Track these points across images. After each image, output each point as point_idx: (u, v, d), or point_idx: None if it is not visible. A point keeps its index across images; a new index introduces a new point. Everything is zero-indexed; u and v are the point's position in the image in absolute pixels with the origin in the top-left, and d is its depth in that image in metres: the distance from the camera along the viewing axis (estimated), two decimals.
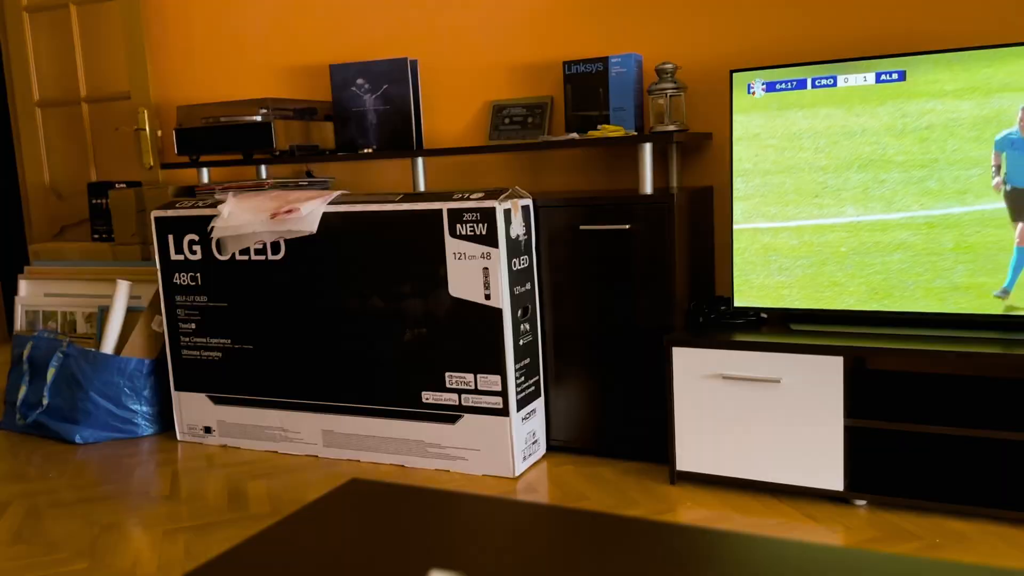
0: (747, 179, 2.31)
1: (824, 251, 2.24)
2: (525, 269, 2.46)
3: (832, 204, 2.22)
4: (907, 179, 2.13)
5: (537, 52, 2.90)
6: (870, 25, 2.43)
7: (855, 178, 2.19)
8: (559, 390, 2.58)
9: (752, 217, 2.32)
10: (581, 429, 2.57)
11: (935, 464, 2.23)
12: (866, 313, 2.22)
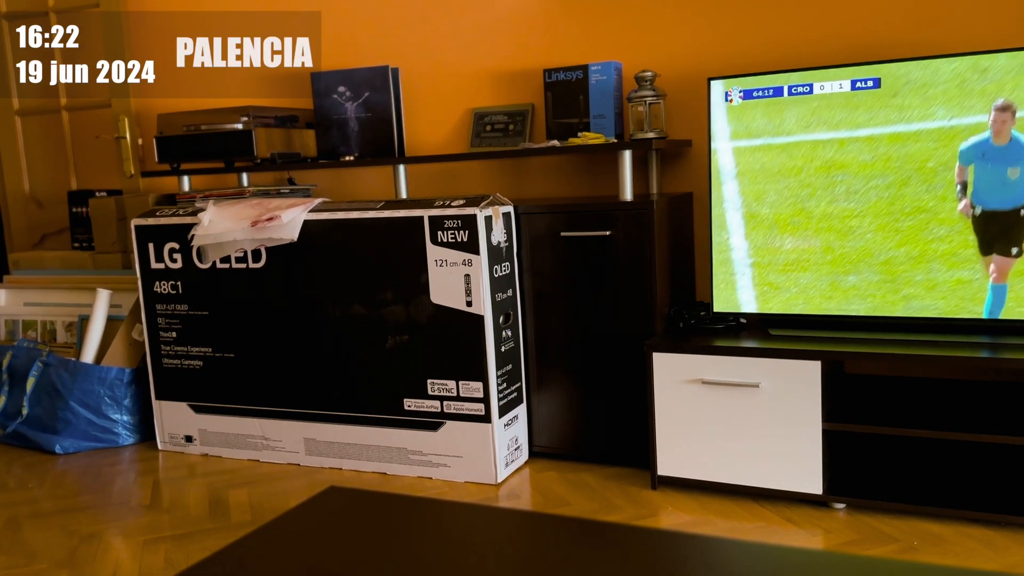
0: (726, 185, 2.33)
1: (803, 257, 2.26)
2: (507, 276, 2.47)
3: (811, 211, 2.24)
4: (883, 185, 2.16)
5: (518, 60, 2.91)
6: (846, 33, 2.47)
7: (834, 184, 2.21)
8: (541, 396, 2.59)
9: (731, 223, 2.34)
10: (563, 435, 2.58)
11: (913, 467, 2.26)
12: (844, 318, 2.24)
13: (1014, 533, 1.95)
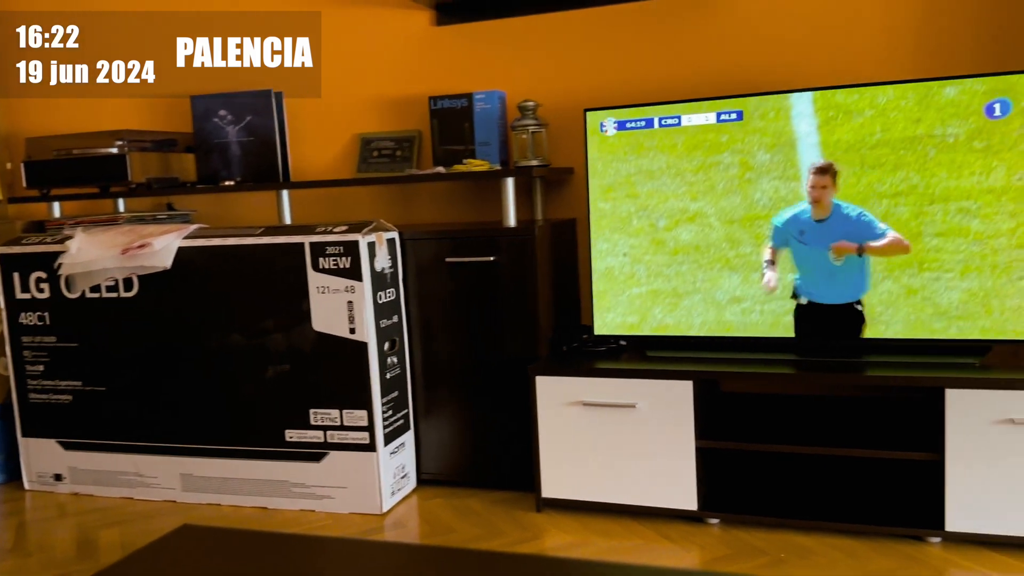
0: (604, 212, 2.39)
1: (679, 280, 2.34)
2: (391, 302, 2.46)
3: (685, 236, 2.32)
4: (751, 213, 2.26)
5: (405, 86, 2.92)
6: (710, 68, 2.58)
7: (704, 212, 2.30)
8: (429, 422, 2.58)
9: (610, 248, 2.40)
10: (452, 461, 2.58)
11: (783, 481, 2.35)
12: (718, 339, 2.32)
13: (874, 542, 2.05)
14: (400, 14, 2.89)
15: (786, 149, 2.20)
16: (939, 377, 1.99)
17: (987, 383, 1.94)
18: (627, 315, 2.40)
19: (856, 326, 2.15)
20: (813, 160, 2.13)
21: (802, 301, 2.15)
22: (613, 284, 2.41)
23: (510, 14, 2.77)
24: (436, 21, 2.86)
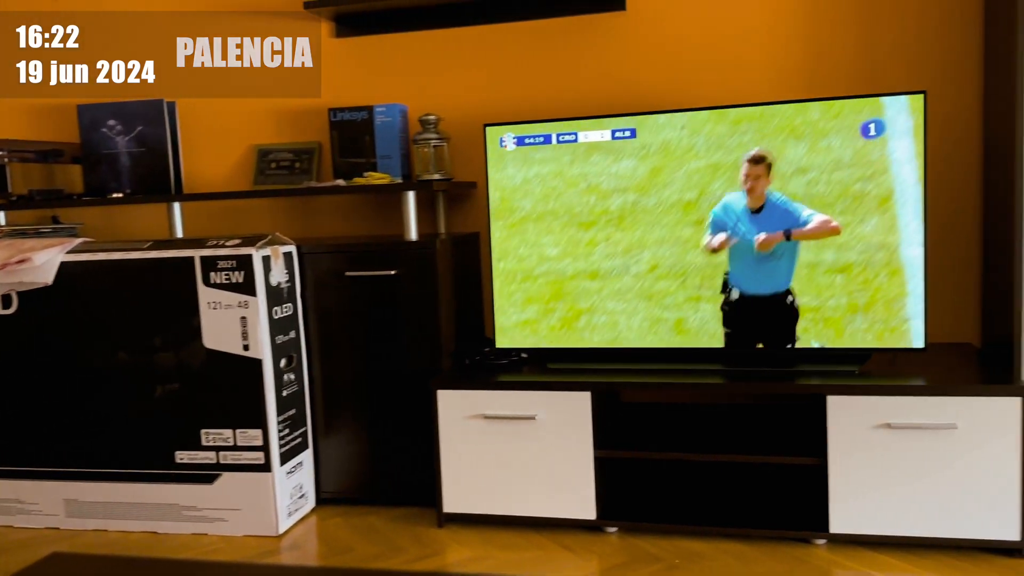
0: (505, 226, 2.41)
1: (578, 293, 2.37)
2: (288, 317, 2.40)
3: (585, 250, 2.36)
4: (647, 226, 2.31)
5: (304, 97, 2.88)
6: (605, 86, 2.64)
7: (602, 225, 2.34)
8: (329, 440, 2.53)
9: (512, 262, 2.41)
10: (352, 479, 2.53)
11: (680, 488, 2.40)
12: (618, 350, 2.36)
13: (764, 545, 2.12)
14: (299, 25, 2.85)
15: (677, 165, 2.26)
16: (820, 385, 2.07)
17: (865, 390, 2.03)
18: (529, 328, 2.42)
19: (790, 321, 2.20)
20: (747, 152, 2.17)
21: (733, 295, 2.19)
22: (515, 297, 2.42)
23: (411, 28, 2.76)
24: (336, 33, 2.83)
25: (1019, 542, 1.97)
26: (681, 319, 2.29)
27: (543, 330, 2.41)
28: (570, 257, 2.37)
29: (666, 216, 2.28)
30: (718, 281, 2.26)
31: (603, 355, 2.38)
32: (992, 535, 1.99)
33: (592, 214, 2.34)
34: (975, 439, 1.97)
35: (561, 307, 2.39)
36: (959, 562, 1.98)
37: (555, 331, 2.40)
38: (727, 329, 2.21)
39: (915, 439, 2.01)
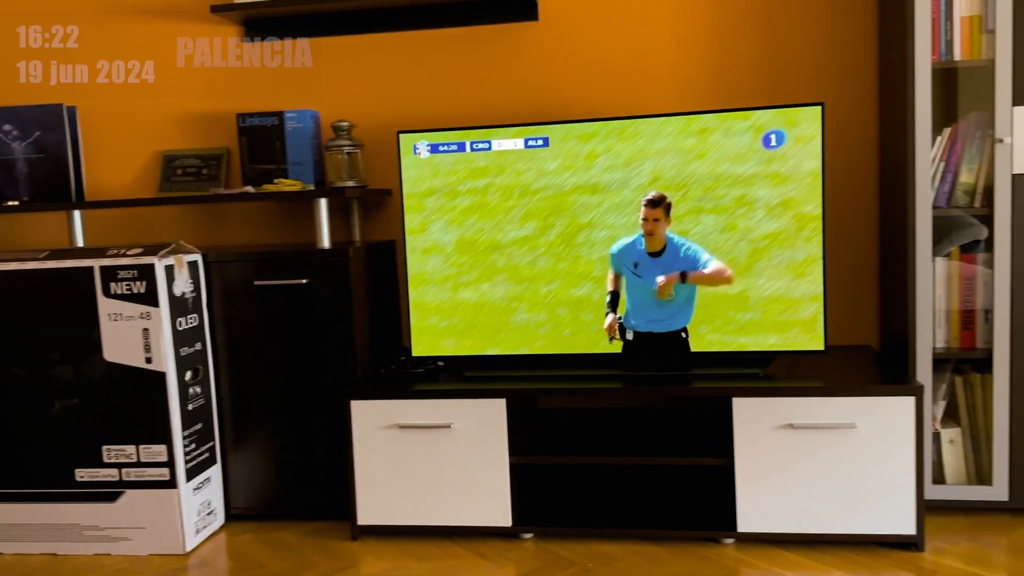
0: (420, 233, 2.39)
1: (493, 301, 2.37)
2: (194, 328, 2.33)
3: (500, 257, 2.36)
4: (560, 233, 2.33)
5: (212, 103, 2.81)
6: (519, 95, 2.65)
7: (519, 234, 2.35)
8: (239, 454, 2.46)
9: (428, 269, 2.40)
10: (264, 494, 2.47)
11: (594, 492, 2.42)
12: (535, 357, 2.37)
13: (674, 546, 2.15)
14: (206, 28, 2.78)
15: (587, 174, 2.29)
16: (726, 387, 2.13)
17: (768, 391, 2.09)
18: (445, 336, 2.41)
19: (683, 354, 2.24)
20: (646, 194, 2.20)
21: (628, 337, 2.23)
22: (431, 305, 2.41)
23: (322, 33, 2.73)
24: (245, 37, 2.77)
25: (915, 536, 2.06)
26: (592, 326, 2.32)
27: (460, 338, 2.40)
28: (487, 263, 2.37)
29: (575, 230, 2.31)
30: None
31: (519, 362, 2.39)
32: (890, 530, 2.07)
33: (507, 222, 2.35)
34: (873, 437, 2.05)
35: (478, 314, 2.39)
36: (860, 557, 2.06)
37: (472, 339, 2.40)
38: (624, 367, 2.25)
39: (816, 438, 2.07)
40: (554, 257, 2.33)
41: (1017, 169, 2.12)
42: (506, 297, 2.36)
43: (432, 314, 2.41)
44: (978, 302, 2.21)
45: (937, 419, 2.25)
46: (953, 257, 2.23)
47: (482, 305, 2.38)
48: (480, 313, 2.38)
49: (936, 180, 2.21)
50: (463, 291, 2.39)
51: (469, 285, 2.38)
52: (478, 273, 2.37)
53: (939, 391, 2.25)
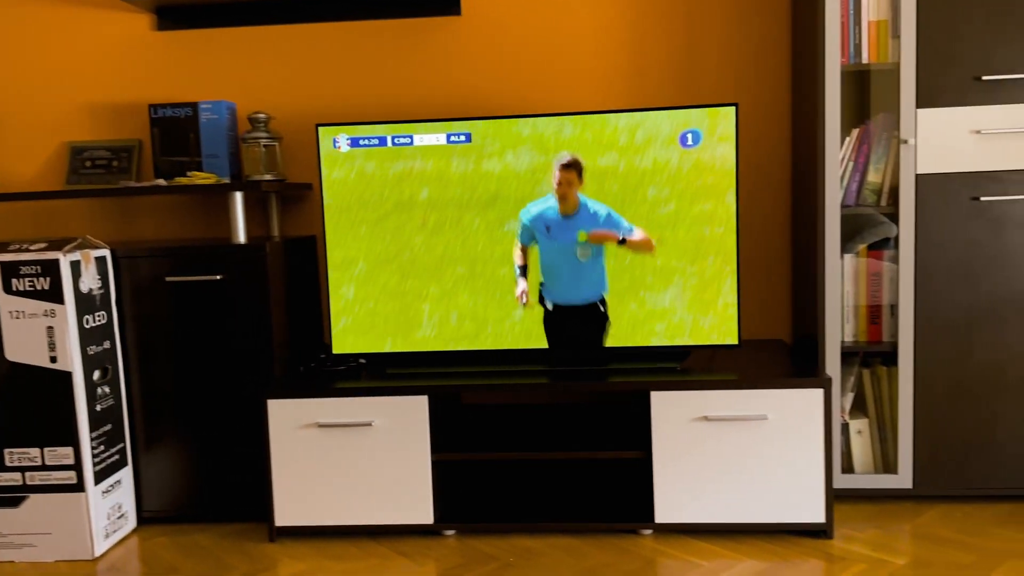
0: (340, 228, 2.36)
1: (417, 296, 2.36)
2: (102, 326, 2.25)
3: (421, 252, 2.34)
4: (483, 229, 2.32)
5: (122, 93, 2.71)
6: (441, 92, 2.64)
7: (436, 230, 2.34)
8: (152, 456, 2.39)
9: (349, 265, 2.37)
10: (178, 496, 2.40)
11: (517, 488, 2.43)
12: (457, 353, 2.36)
13: (594, 539, 2.18)
14: (116, 16, 2.68)
15: (512, 170, 2.29)
16: (644, 381, 2.16)
17: (685, 385, 2.13)
18: (368, 333, 2.38)
19: (600, 326, 2.26)
20: (559, 158, 2.21)
21: (548, 306, 2.23)
22: (353, 302, 2.38)
23: (239, 23, 2.66)
24: (157, 26, 2.68)
25: (824, 524, 2.13)
26: (528, 320, 2.33)
27: (383, 335, 2.37)
28: (409, 259, 2.35)
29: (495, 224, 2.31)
30: None
31: (442, 358, 2.38)
32: (801, 518, 2.13)
33: (424, 217, 2.33)
34: (784, 428, 2.11)
35: (400, 311, 2.36)
36: (772, 545, 2.12)
37: (393, 335, 2.37)
38: (549, 340, 2.26)
39: (730, 430, 2.12)
40: (476, 255, 2.32)
41: (921, 169, 2.21)
42: (430, 293, 2.35)
43: (354, 311, 2.38)
44: (884, 297, 2.30)
45: (846, 410, 2.33)
46: (861, 254, 2.31)
47: (406, 302, 2.36)
48: (404, 310, 2.36)
49: (845, 179, 2.28)
50: (386, 287, 2.36)
51: (392, 281, 2.36)
52: (401, 269, 2.35)
53: (847, 383, 2.33)
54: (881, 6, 2.21)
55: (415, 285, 2.35)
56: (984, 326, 2.23)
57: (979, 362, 2.24)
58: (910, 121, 2.20)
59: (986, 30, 2.15)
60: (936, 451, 2.28)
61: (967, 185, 2.20)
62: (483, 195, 2.31)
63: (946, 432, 2.27)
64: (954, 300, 2.23)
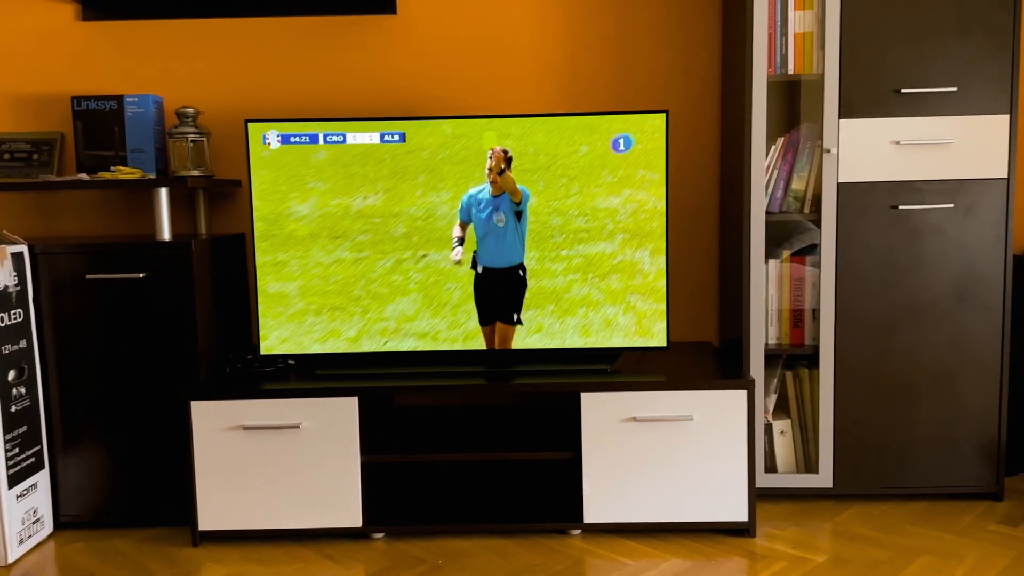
0: (269, 226, 2.32)
1: (347, 296, 2.33)
2: (18, 325, 2.17)
3: (350, 251, 2.32)
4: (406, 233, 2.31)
5: (44, 84, 2.62)
6: (375, 89, 2.62)
7: (367, 230, 2.32)
8: (70, 459, 2.31)
9: (278, 265, 2.33)
10: (98, 500, 2.33)
11: (446, 489, 2.43)
12: (389, 354, 2.34)
13: (523, 539, 2.19)
14: (39, 5, 2.59)
15: (444, 168, 2.29)
16: (575, 383, 2.18)
17: (614, 386, 2.16)
18: (297, 333, 2.34)
19: (520, 289, 2.31)
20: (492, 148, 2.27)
21: (479, 270, 2.28)
22: (281, 301, 2.34)
23: (168, 15, 2.59)
24: (82, 16, 2.60)
25: (747, 522, 2.18)
26: (459, 321, 2.32)
27: (311, 334, 2.34)
28: (339, 260, 2.32)
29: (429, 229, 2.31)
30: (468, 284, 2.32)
31: (373, 359, 2.36)
32: (725, 517, 2.18)
33: (356, 218, 2.31)
34: (709, 429, 2.15)
35: (329, 311, 2.34)
36: (697, 544, 2.15)
37: (323, 335, 2.34)
38: (477, 303, 2.30)
39: (657, 431, 2.16)
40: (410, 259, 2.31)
41: (843, 178, 2.28)
42: (360, 293, 2.33)
43: (282, 309, 2.34)
44: (807, 301, 2.36)
45: (769, 411, 2.39)
46: (785, 259, 2.37)
47: (333, 302, 2.33)
48: (331, 309, 2.33)
49: (770, 186, 2.34)
50: (316, 287, 2.33)
51: (323, 281, 2.33)
52: (330, 268, 2.33)
53: (771, 385, 2.39)
54: (807, 19, 2.28)
55: (344, 288, 2.33)
56: (901, 330, 2.31)
57: (896, 365, 2.32)
58: (833, 131, 2.27)
59: (906, 45, 2.23)
60: (855, 451, 2.35)
61: (886, 194, 2.28)
62: (416, 198, 2.30)
63: (865, 433, 2.34)
64: (873, 305, 2.31)
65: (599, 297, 2.31)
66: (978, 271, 2.29)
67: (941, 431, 2.34)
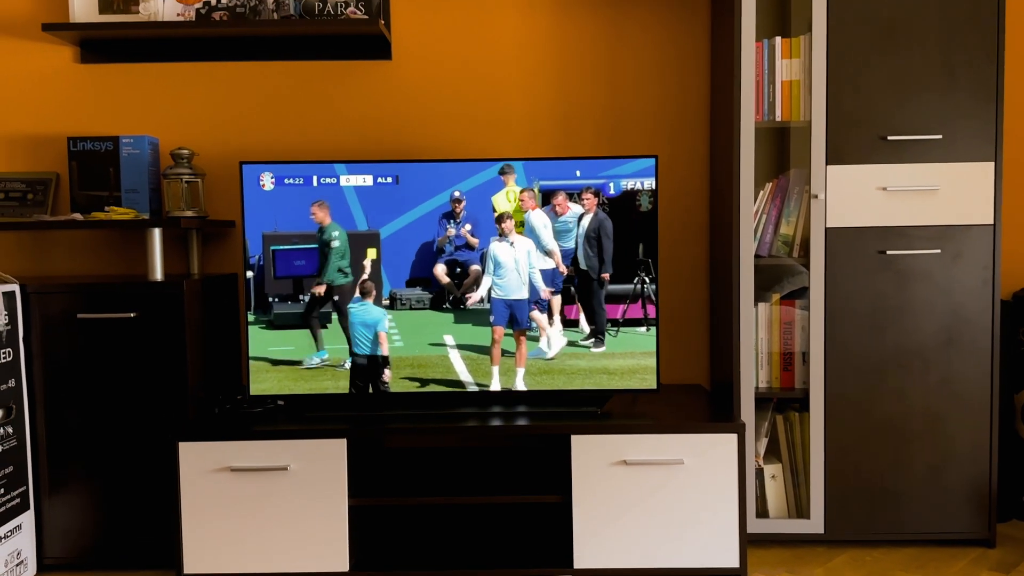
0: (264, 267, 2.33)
1: (342, 337, 2.33)
2: (8, 364, 2.16)
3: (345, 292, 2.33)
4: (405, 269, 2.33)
5: (41, 125, 2.64)
6: (369, 132, 2.65)
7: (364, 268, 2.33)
8: (56, 500, 2.29)
9: (267, 305, 2.33)
10: (83, 542, 2.30)
11: (436, 533, 2.40)
12: (379, 395, 2.34)
13: None
14: (39, 47, 2.63)
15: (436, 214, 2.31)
16: (565, 425, 2.17)
17: (604, 429, 2.15)
18: (286, 375, 2.34)
19: None
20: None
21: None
22: (272, 342, 2.33)
23: (165, 59, 2.63)
24: (80, 59, 2.64)
25: (738, 568, 2.16)
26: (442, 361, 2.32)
27: (301, 378, 2.34)
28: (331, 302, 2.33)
29: None
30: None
31: (363, 402, 2.35)
32: (717, 563, 2.16)
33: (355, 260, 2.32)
34: (700, 473, 2.14)
35: (320, 351, 2.33)
36: None
37: (314, 377, 2.34)
38: None
39: (648, 474, 2.15)
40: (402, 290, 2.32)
41: (831, 223, 2.30)
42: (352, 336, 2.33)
43: (273, 351, 2.33)
44: (797, 345, 2.37)
45: (760, 455, 2.38)
46: (775, 303, 2.38)
47: (329, 343, 2.33)
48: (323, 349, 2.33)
49: (759, 231, 2.36)
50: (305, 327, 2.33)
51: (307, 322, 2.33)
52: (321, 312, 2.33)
53: (762, 428, 2.39)
54: (794, 67, 2.32)
55: (334, 328, 2.33)
56: (891, 374, 2.32)
57: (886, 408, 2.33)
58: (820, 177, 2.29)
59: (892, 93, 2.27)
60: (847, 496, 2.34)
61: (874, 239, 2.30)
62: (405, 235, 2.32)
63: (856, 477, 2.33)
64: (862, 348, 2.32)
65: (590, 340, 2.31)
66: (966, 315, 2.30)
67: (932, 476, 2.33)
